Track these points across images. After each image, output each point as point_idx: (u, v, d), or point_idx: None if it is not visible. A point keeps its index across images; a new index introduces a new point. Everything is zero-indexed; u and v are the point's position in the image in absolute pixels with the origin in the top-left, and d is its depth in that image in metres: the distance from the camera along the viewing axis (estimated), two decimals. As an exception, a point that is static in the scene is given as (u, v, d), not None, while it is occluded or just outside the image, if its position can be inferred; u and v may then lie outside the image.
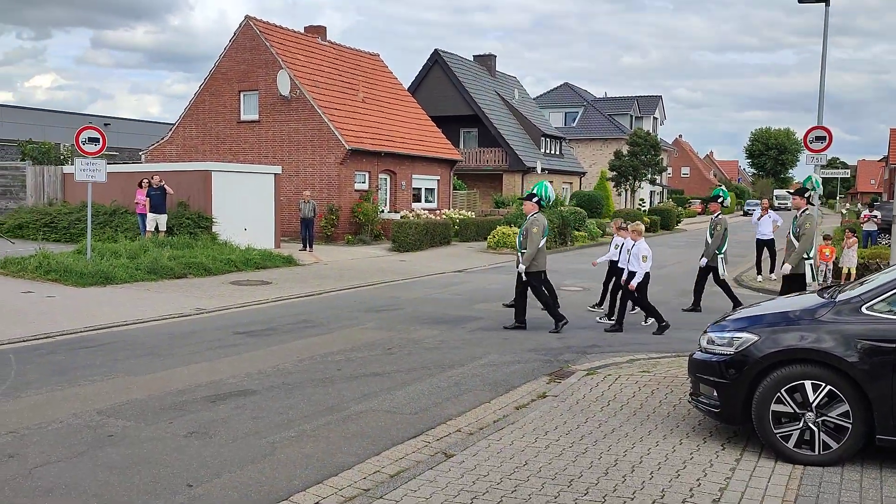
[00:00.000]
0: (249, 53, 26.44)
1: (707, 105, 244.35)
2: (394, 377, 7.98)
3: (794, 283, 10.29)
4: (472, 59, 44.84)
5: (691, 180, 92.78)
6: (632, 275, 10.82)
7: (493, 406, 6.99)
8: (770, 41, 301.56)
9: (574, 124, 54.83)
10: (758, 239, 18.16)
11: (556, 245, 25.96)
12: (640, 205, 46.88)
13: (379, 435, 6.11)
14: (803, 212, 10.53)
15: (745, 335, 5.68)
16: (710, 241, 12.88)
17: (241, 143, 26.91)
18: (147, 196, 18.65)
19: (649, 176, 45.33)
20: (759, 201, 45.45)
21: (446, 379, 7.96)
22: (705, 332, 6.13)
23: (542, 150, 42.59)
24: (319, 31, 30.37)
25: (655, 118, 59.16)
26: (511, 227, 25.22)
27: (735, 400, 5.59)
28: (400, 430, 6.23)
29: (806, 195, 10.77)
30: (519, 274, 10.92)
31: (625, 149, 45.68)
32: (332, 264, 19.42)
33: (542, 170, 39.81)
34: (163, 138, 29.27)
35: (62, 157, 30.90)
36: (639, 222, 11.44)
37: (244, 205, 20.58)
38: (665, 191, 65.15)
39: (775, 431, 5.40)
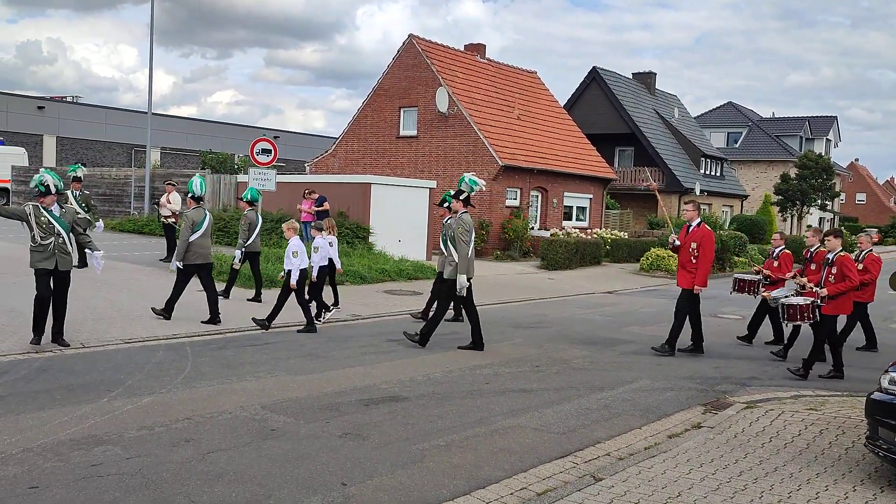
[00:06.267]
0: (411, 71, 27.34)
1: (888, 127, 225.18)
2: (542, 395, 7.92)
3: (450, 289, 10.02)
4: (630, 76, 44.00)
5: (868, 207, 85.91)
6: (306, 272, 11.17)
7: (644, 432, 6.78)
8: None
9: (737, 145, 52.38)
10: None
11: (714, 270, 24.81)
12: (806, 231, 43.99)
13: (526, 451, 6.07)
14: (461, 215, 10.02)
15: (934, 377, 5.17)
16: (452, 249, 11.25)
17: (398, 158, 27.83)
18: (315, 206, 19.65)
19: (819, 201, 42.42)
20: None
21: (595, 401, 7.81)
22: (886, 371, 5.64)
23: (702, 171, 40.99)
24: (478, 48, 30.91)
25: (829, 140, 55.40)
26: (666, 248, 24.40)
27: (920, 448, 5.09)
28: (547, 449, 6.16)
29: (462, 197, 10.18)
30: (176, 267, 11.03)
31: (793, 172, 43.06)
32: (481, 279, 19.58)
33: (701, 191, 38.30)
34: (326, 151, 30.81)
35: (236, 166, 33.30)
36: (293, 220, 11.60)
37: (400, 217, 21.23)
38: (837, 218, 60.76)
39: (968, 487, 4.87)
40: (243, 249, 13.18)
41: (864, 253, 11.37)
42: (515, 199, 26.95)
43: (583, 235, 26.83)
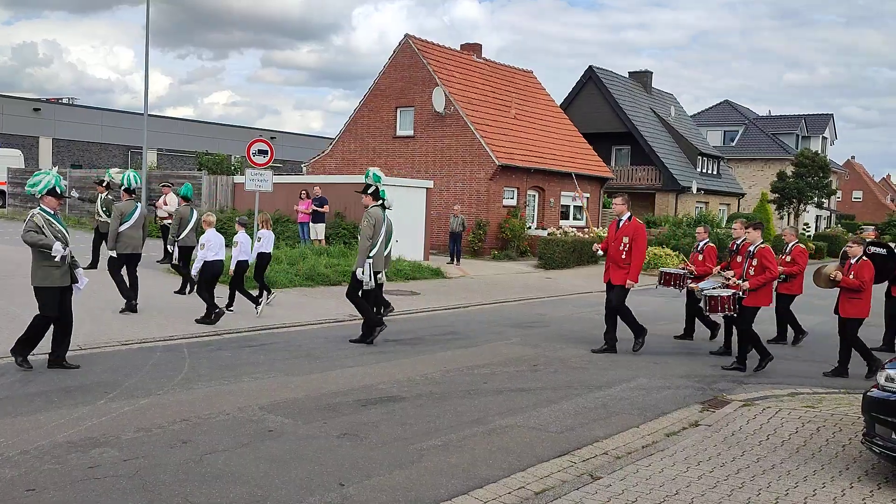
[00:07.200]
0: (407, 71, 27.32)
1: (884, 125, 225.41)
2: (539, 394, 7.93)
3: (358, 283, 10.26)
4: (626, 75, 44.03)
5: (864, 205, 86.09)
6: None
7: (641, 431, 6.78)
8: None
9: (734, 143, 52.42)
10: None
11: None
12: (804, 229, 44.02)
13: (523, 451, 6.07)
14: (369, 210, 10.21)
15: (930, 374, 5.18)
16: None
17: (395, 158, 27.82)
18: (313, 206, 19.66)
19: (816, 199, 42.46)
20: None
21: (593, 400, 7.81)
22: (883, 368, 5.65)
23: (699, 170, 41.03)
24: (475, 48, 30.90)
25: (825, 138, 55.46)
26: (663, 247, 24.42)
27: (916, 445, 5.10)
28: (545, 448, 6.17)
29: (370, 191, 10.25)
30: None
31: (789, 170, 43.11)
32: (479, 278, 19.61)
33: (698, 190, 38.34)
34: (323, 151, 30.79)
35: (233, 167, 33.27)
36: (209, 213, 11.88)
37: (396, 217, 21.13)
38: (833, 216, 60.87)
39: (964, 483, 4.88)
40: (175, 244, 13.53)
41: (791, 245, 11.57)
42: (512, 198, 26.95)
43: (580, 234, 26.85)
